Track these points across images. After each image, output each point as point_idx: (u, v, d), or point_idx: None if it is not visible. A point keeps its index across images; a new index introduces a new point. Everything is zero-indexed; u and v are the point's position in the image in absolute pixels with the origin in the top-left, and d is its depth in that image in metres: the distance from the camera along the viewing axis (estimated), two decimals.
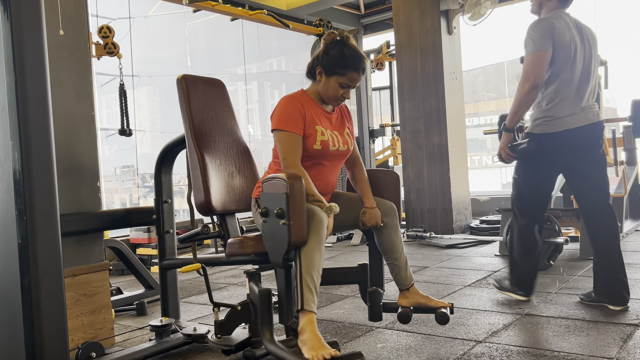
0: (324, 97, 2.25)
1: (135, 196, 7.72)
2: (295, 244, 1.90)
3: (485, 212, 7.14)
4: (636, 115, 4.91)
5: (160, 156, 2.67)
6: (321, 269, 1.96)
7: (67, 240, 2.36)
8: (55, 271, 1.43)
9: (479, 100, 14.34)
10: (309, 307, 1.88)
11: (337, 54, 2.19)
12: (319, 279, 1.94)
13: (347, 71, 2.18)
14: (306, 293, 1.89)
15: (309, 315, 1.88)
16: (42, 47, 1.42)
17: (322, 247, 1.97)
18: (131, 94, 5.05)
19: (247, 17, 6.11)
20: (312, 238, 1.93)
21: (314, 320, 1.89)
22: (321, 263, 1.96)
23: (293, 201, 1.87)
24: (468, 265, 4.13)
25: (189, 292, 3.74)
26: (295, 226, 1.88)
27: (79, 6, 2.57)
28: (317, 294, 1.92)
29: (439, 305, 2.28)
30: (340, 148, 2.29)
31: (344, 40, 2.22)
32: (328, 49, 2.22)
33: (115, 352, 2.24)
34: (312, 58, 2.28)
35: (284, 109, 2.19)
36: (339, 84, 2.20)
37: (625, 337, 2.29)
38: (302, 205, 1.90)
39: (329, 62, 2.20)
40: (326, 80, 2.22)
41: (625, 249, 4.41)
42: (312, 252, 1.93)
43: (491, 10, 5.68)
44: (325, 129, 2.23)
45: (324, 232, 1.96)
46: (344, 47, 2.20)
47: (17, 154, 1.37)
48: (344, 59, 2.18)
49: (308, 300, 1.88)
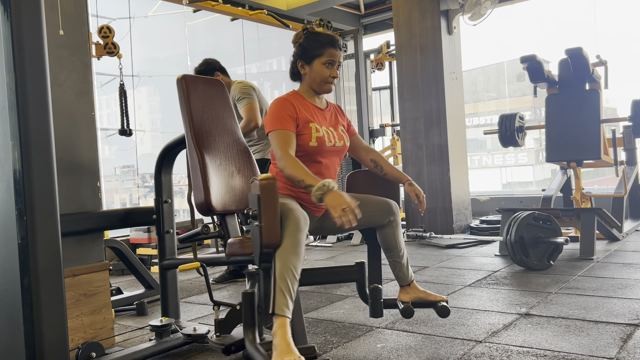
0: (314, 86, 2.30)
1: (135, 196, 7.71)
2: (267, 245, 1.88)
3: (485, 212, 7.15)
4: (636, 115, 4.91)
5: (160, 156, 2.67)
6: (298, 272, 1.91)
7: (67, 240, 2.36)
8: (55, 271, 1.43)
9: (479, 100, 14.33)
10: (280, 312, 1.85)
11: (309, 41, 2.29)
12: (294, 283, 1.90)
13: (323, 49, 2.26)
14: (279, 297, 1.86)
15: (281, 319, 1.85)
16: (42, 47, 1.42)
17: (299, 250, 1.92)
18: (131, 94, 5.05)
19: (247, 17, 6.11)
20: (287, 240, 1.90)
21: (286, 325, 1.85)
22: (298, 266, 1.91)
23: (264, 202, 1.85)
24: (468, 265, 4.13)
25: (189, 292, 3.74)
26: (267, 228, 1.86)
27: (79, 6, 2.57)
28: (291, 298, 1.88)
29: (437, 299, 2.36)
30: (337, 144, 2.31)
31: (310, 29, 2.32)
32: (300, 42, 2.32)
33: (115, 352, 2.24)
34: (291, 61, 2.37)
35: (274, 111, 2.23)
36: (322, 65, 2.27)
37: (625, 337, 2.29)
38: (274, 207, 1.87)
39: (304, 51, 2.29)
40: (309, 68, 2.28)
41: (625, 249, 4.41)
42: (287, 255, 1.89)
43: (491, 10, 5.68)
44: (320, 126, 2.26)
45: (300, 235, 1.92)
46: (312, 34, 2.30)
47: (17, 154, 1.37)
48: (317, 40, 2.27)
49: (280, 304, 1.85)
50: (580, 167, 4.88)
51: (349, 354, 2.28)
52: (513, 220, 3.89)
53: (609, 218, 4.55)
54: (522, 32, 13.44)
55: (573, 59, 4.75)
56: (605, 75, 5.00)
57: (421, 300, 2.36)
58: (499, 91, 13.67)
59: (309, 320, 2.81)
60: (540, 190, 7.35)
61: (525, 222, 3.84)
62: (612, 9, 11.80)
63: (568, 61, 4.80)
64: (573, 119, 4.82)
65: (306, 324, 2.63)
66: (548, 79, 4.94)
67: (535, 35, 13.57)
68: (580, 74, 4.80)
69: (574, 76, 4.83)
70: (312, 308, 3.07)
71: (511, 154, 12.89)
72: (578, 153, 4.79)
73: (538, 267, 3.78)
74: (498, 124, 5.34)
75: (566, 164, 5.02)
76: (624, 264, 3.83)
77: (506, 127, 5.25)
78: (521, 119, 5.32)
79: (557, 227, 3.91)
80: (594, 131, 4.74)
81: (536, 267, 3.78)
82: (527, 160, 12.98)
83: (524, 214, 3.89)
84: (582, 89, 4.89)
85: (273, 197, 1.87)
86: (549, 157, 4.97)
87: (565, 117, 4.86)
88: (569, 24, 13.50)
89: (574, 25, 13.51)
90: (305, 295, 3.37)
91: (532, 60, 4.84)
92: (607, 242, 4.80)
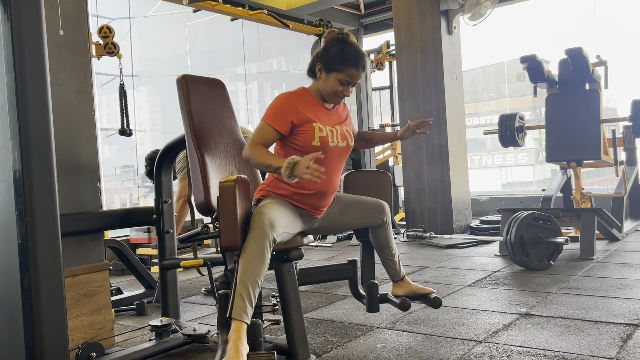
0: (324, 93, 2.26)
1: (135, 196, 7.71)
2: (225, 248, 1.89)
3: (485, 212, 7.15)
4: (636, 115, 4.91)
5: (160, 156, 2.67)
6: (261, 279, 1.90)
7: (67, 240, 2.36)
8: (55, 271, 1.43)
9: (479, 100, 14.34)
10: (237, 316, 1.85)
11: (336, 51, 2.20)
12: (256, 288, 1.89)
13: (345, 68, 2.19)
14: (237, 301, 1.86)
15: (237, 323, 1.85)
16: (42, 47, 1.42)
17: (264, 256, 1.91)
18: (131, 94, 5.05)
19: (247, 17, 6.11)
20: (250, 245, 1.90)
21: (241, 329, 1.84)
22: (260, 272, 1.90)
23: (222, 204, 1.87)
24: (468, 265, 4.13)
25: (189, 292, 3.74)
26: (225, 230, 1.87)
27: (79, 6, 2.57)
28: (250, 303, 1.87)
29: (428, 292, 2.45)
30: (340, 144, 2.28)
31: (344, 37, 2.23)
32: (328, 46, 2.23)
33: (115, 352, 2.24)
34: (313, 56, 2.30)
35: (275, 105, 2.20)
36: (338, 81, 2.21)
37: (625, 337, 2.29)
38: (231, 209, 1.87)
39: (328, 59, 2.21)
40: (326, 76, 2.22)
41: (625, 249, 4.41)
42: (249, 259, 1.89)
43: (491, 10, 5.68)
44: (324, 126, 2.23)
45: (265, 240, 1.91)
46: (343, 45, 2.21)
47: (17, 154, 1.37)
48: (343, 55, 2.19)
49: (238, 308, 1.85)
50: (580, 167, 4.88)
51: (349, 354, 2.28)
52: (513, 220, 3.89)
53: (609, 218, 4.55)
54: (522, 32, 13.45)
55: (573, 59, 4.75)
56: (605, 75, 5.01)
57: (413, 293, 2.44)
58: (499, 91, 13.68)
59: (309, 320, 2.81)
60: (540, 190, 7.36)
61: (525, 222, 3.84)
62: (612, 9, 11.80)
63: (568, 61, 4.80)
64: (573, 119, 4.82)
65: (306, 324, 2.63)
66: (548, 79, 4.95)
67: (535, 35, 13.58)
68: (580, 74, 4.80)
69: (574, 76, 4.83)
70: (312, 308, 3.07)
71: (511, 154, 12.90)
72: (578, 153, 4.79)
73: (538, 267, 3.78)
74: (498, 124, 5.34)
75: (566, 164, 5.02)
76: (624, 264, 3.83)
77: (506, 127, 5.25)
78: (521, 119, 5.32)
79: (557, 227, 3.91)
80: (594, 131, 4.74)
81: (536, 267, 3.78)
82: (527, 160, 13.00)
83: (524, 214, 3.89)
84: (582, 89, 4.89)
85: (231, 199, 1.87)
86: (549, 157, 4.97)
87: (565, 117, 4.86)
88: (569, 24, 13.51)
89: (574, 25, 13.52)
90: (305, 295, 3.37)
91: (532, 60, 4.84)
92: (607, 242, 4.80)
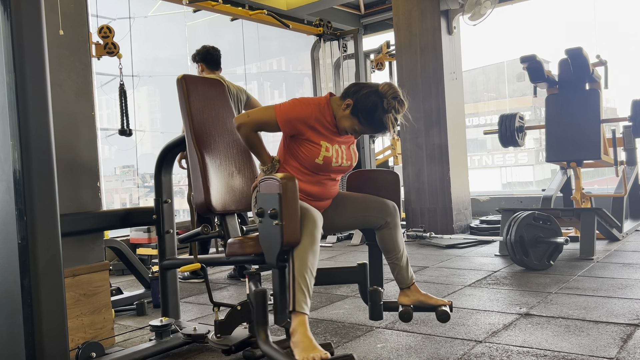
0: (339, 124, 2.24)
1: (135, 196, 7.71)
2: (288, 244, 1.90)
3: (485, 212, 7.14)
4: (636, 115, 4.91)
5: (160, 156, 2.67)
6: (315, 270, 1.95)
7: (67, 240, 2.36)
8: (55, 271, 1.43)
9: (479, 100, 14.33)
10: (300, 309, 1.87)
11: (370, 110, 2.16)
12: (312, 280, 1.93)
13: (367, 127, 2.20)
14: (298, 294, 1.88)
15: (301, 316, 1.88)
16: (42, 47, 1.42)
17: (316, 248, 1.96)
18: (131, 94, 5.05)
19: (247, 17, 6.11)
20: (305, 239, 1.93)
21: (306, 322, 1.88)
22: (315, 264, 1.95)
23: (286, 202, 1.86)
24: (468, 265, 4.13)
25: (189, 292, 3.74)
26: (288, 227, 1.88)
27: (79, 6, 2.57)
28: (309, 295, 1.91)
29: (439, 303, 2.28)
30: (343, 164, 2.28)
31: (389, 108, 2.15)
32: (371, 96, 2.17)
33: (115, 352, 2.24)
34: (358, 87, 2.22)
35: (294, 107, 2.18)
36: (353, 126, 2.21)
37: (625, 337, 2.29)
38: (295, 206, 1.90)
39: (360, 106, 2.17)
40: (348, 114, 2.20)
41: (625, 249, 4.41)
42: (305, 253, 1.92)
43: (491, 10, 5.68)
44: (331, 145, 2.22)
45: (317, 233, 1.96)
46: (381, 112, 2.16)
47: (17, 154, 1.37)
48: (372, 118, 2.17)
49: (300, 301, 1.88)
50: (580, 167, 4.88)
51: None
52: (513, 220, 3.89)
53: (609, 218, 4.55)
54: (522, 32, 13.45)
55: (573, 59, 4.75)
56: (605, 75, 5.00)
57: (421, 303, 2.30)
58: (499, 91, 13.68)
59: (309, 320, 2.80)
60: (540, 190, 7.35)
61: (525, 222, 3.84)
62: (612, 9, 11.80)
63: (568, 61, 4.80)
64: (573, 119, 4.82)
65: None
66: (548, 79, 4.94)
67: (535, 35, 13.58)
68: (580, 74, 4.80)
69: (574, 76, 4.83)
70: (312, 308, 3.07)
71: (511, 154, 12.89)
72: (578, 153, 4.79)
73: (538, 267, 3.78)
74: (498, 124, 5.34)
75: (566, 164, 5.02)
76: (624, 264, 3.83)
77: (506, 127, 5.25)
78: (521, 119, 5.32)
79: (557, 227, 3.91)
80: (594, 131, 4.74)
81: (536, 267, 3.78)
82: (527, 160, 12.99)
83: (524, 214, 3.89)
84: (582, 89, 4.89)
85: (294, 196, 1.89)
86: (549, 157, 4.97)
87: (565, 117, 4.86)
88: (569, 24, 13.51)
89: (574, 25, 13.51)
90: None
91: (532, 60, 4.84)
92: (607, 242, 4.80)
